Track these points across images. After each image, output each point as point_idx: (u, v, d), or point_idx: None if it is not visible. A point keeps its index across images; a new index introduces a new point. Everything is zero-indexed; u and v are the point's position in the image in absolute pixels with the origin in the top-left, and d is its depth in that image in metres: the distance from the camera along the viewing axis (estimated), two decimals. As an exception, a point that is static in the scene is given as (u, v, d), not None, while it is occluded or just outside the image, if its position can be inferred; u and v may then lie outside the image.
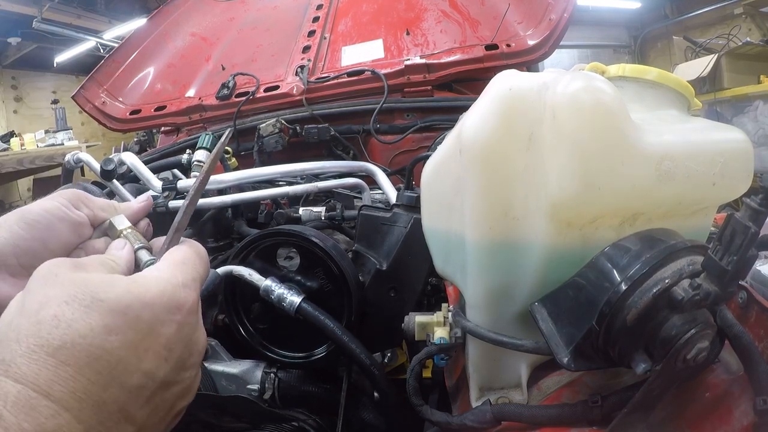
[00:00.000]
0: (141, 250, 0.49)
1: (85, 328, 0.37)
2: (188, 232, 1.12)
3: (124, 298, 0.39)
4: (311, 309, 0.87)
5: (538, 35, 1.78)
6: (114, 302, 0.38)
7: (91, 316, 0.37)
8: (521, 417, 0.62)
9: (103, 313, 0.38)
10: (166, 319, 0.41)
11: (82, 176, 3.13)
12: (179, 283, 0.43)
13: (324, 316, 0.87)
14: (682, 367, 0.49)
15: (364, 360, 0.85)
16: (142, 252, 0.49)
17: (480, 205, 0.58)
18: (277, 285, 0.88)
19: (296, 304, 0.86)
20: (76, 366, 0.36)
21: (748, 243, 0.43)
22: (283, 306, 0.87)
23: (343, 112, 1.70)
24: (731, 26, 6.00)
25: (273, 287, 0.88)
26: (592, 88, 0.52)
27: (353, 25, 2.06)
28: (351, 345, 0.85)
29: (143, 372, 0.39)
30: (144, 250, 0.49)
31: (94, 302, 0.38)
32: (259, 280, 0.89)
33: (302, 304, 0.86)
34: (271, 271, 0.94)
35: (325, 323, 0.86)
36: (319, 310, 0.87)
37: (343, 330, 0.86)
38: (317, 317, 0.86)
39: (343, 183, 1.21)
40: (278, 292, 0.87)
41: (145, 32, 2.28)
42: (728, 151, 0.56)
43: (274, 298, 0.87)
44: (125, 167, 1.11)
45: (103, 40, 7.76)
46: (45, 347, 0.35)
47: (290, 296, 0.87)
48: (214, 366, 0.97)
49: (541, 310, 0.58)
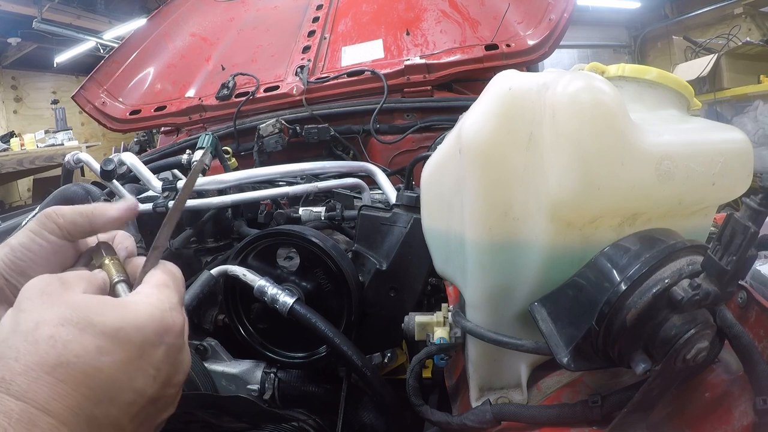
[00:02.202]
0: (120, 283, 0.49)
1: (79, 348, 0.39)
2: (188, 232, 1.12)
3: (115, 322, 0.41)
4: (303, 310, 0.86)
5: (538, 35, 1.78)
6: (106, 325, 0.41)
7: (85, 337, 0.40)
8: (521, 417, 0.62)
9: (96, 335, 0.40)
10: (156, 342, 0.43)
11: (82, 176, 3.13)
12: (166, 308, 0.45)
13: (316, 317, 0.86)
14: (681, 367, 0.49)
15: (356, 361, 0.85)
16: (120, 286, 0.49)
17: (480, 205, 0.58)
18: (270, 285, 0.88)
19: (289, 305, 0.86)
20: (72, 384, 0.38)
21: (748, 243, 0.43)
22: (276, 307, 0.87)
23: (343, 112, 1.70)
24: (731, 26, 6.00)
25: (266, 287, 0.87)
26: (591, 88, 0.52)
27: (353, 25, 2.06)
28: (343, 347, 0.85)
29: (134, 390, 0.42)
30: (123, 284, 0.49)
31: (88, 325, 0.40)
32: (252, 280, 0.88)
33: (294, 305, 0.86)
34: (271, 271, 0.94)
35: (317, 325, 0.86)
36: (312, 312, 0.87)
37: (335, 332, 0.86)
38: (309, 319, 0.86)
39: (343, 183, 1.21)
40: (271, 293, 0.87)
41: (145, 32, 2.28)
42: (728, 151, 0.56)
43: (268, 298, 0.87)
44: (125, 167, 1.11)
45: (103, 41, 7.76)
46: (43, 366, 0.38)
47: (283, 297, 0.86)
48: (214, 366, 0.97)
49: (541, 310, 0.58)
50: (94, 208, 0.53)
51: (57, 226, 0.51)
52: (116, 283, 0.49)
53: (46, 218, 0.51)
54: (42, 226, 0.51)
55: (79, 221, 0.51)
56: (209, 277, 0.77)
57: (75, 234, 0.52)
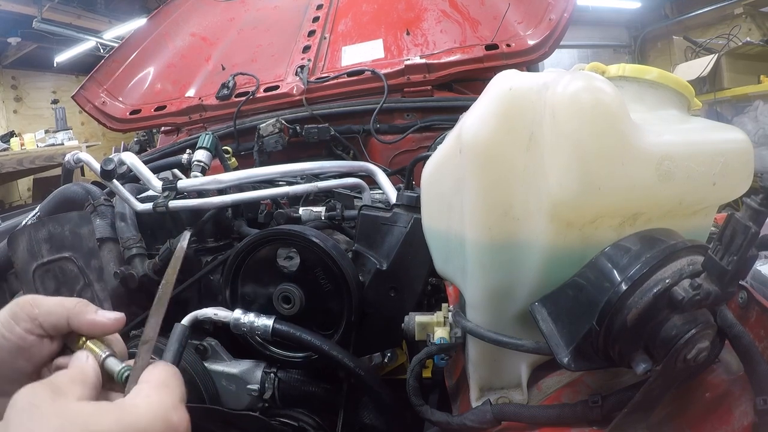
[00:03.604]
0: (109, 358, 0.46)
1: None
2: (188, 232, 1.12)
3: (115, 429, 0.38)
4: (286, 327, 0.87)
5: (538, 35, 1.78)
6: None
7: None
8: (521, 417, 0.62)
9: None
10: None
11: (82, 176, 3.14)
12: (170, 407, 0.42)
13: (300, 331, 0.87)
14: (682, 367, 0.49)
15: (348, 363, 0.86)
16: (110, 360, 0.46)
17: (480, 205, 0.58)
18: (243, 315, 0.88)
19: (270, 328, 0.87)
20: None
21: (749, 243, 0.43)
22: (258, 335, 0.88)
23: (343, 112, 1.70)
24: (731, 26, 5.99)
25: (240, 320, 0.88)
26: (592, 87, 0.52)
27: (353, 25, 2.06)
28: (333, 352, 0.86)
29: None
30: (112, 358, 0.46)
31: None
32: (226, 317, 0.88)
33: (275, 326, 0.87)
34: (271, 271, 0.94)
35: (303, 338, 0.87)
36: (294, 327, 0.88)
37: (322, 340, 0.87)
38: (294, 334, 0.87)
39: (343, 183, 1.21)
40: (249, 323, 0.87)
41: (145, 32, 2.27)
42: (728, 151, 0.56)
43: (247, 330, 0.88)
44: (125, 167, 1.11)
45: (103, 40, 7.75)
46: None
47: (261, 322, 0.87)
48: (214, 366, 0.97)
49: (541, 310, 0.58)
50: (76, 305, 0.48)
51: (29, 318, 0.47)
52: (105, 359, 0.46)
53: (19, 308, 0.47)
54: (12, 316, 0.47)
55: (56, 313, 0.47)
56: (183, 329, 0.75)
57: (49, 329, 0.47)
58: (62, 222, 1.10)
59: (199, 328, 1.03)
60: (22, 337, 0.47)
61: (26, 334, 0.47)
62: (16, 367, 0.46)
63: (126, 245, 1.06)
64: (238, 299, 0.96)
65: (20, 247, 1.11)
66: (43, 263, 1.09)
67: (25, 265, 1.10)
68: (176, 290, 1.03)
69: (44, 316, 0.47)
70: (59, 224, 1.10)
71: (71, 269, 1.08)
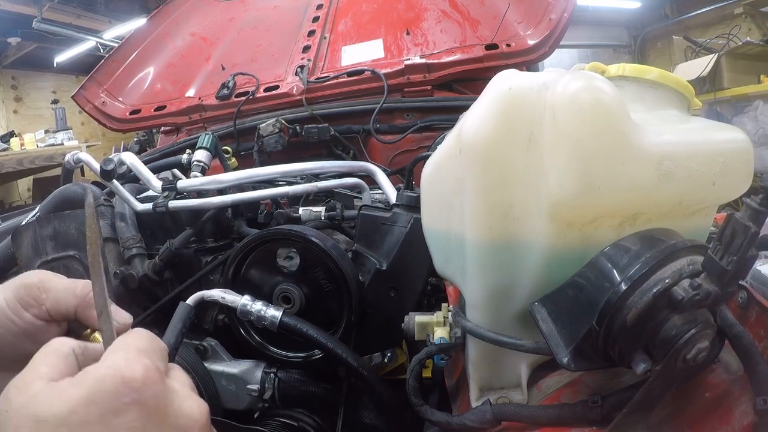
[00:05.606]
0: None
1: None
2: (189, 231, 1.12)
3: (64, 408, 0.35)
4: (294, 321, 0.87)
5: (538, 35, 1.78)
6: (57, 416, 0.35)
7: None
8: (521, 417, 0.62)
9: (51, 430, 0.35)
10: (118, 406, 0.36)
11: (82, 176, 3.14)
12: (120, 364, 0.38)
13: (307, 326, 0.87)
14: (682, 367, 0.49)
15: (352, 362, 0.86)
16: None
17: (480, 205, 0.58)
18: (252, 302, 0.88)
19: (278, 319, 0.86)
20: None
21: (748, 243, 0.43)
22: (265, 324, 0.87)
23: (343, 112, 1.70)
24: (731, 26, 5.99)
25: (249, 306, 0.87)
26: (592, 87, 0.52)
27: (353, 25, 2.06)
28: (338, 351, 0.86)
29: None
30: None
31: (39, 424, 0.35)
32: (233, 302, 0.88)
33: (283, 318, 0.86)
34: (271, 271, 0.94)
35: (309, 333, 0.86)
36: (302, 321, 0.88)
37: (328, 337, 0.87)
38: (300, 329, 0.87)
39: (343, 183, 1.21)
40: (256, 311, 0.87)
41: (145, 32, 2.27)
42: (728, 151, 0.56)
43: (254, 317, 0.87)
44: (125, 167, 1.11)
45: (103, 40, 7.75)
46: None
47: (269, 312, 0.87)
48: (214, 366, 0.97)
49: (541, 310, 0.58)
50: (87, 295, 0.46)
51: (36, 304, 0.45)
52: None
53: (25, 292, 0.45)
54: (20, 300, 0.45)
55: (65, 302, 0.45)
56: (187, 308, 0.72)
57: (56, 316, 0.46)
58: (68, 220, 1.10)
59: (200, 328, 1.03)
60: (30, 322, 0.46)
61: (34, 320, 0.46)
62: (21, 349, 0.45)
63: (126, 245, 1.06)
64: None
65: (24, 243, 1.11)
66: (47, 260, 1.09)
67: (29, 262, 1.10)
68: (176, 290, 1.03)
69: (52, 302, 0.46)
70: (65, 222, 1.09)
71: (76, 268, 1.08)
